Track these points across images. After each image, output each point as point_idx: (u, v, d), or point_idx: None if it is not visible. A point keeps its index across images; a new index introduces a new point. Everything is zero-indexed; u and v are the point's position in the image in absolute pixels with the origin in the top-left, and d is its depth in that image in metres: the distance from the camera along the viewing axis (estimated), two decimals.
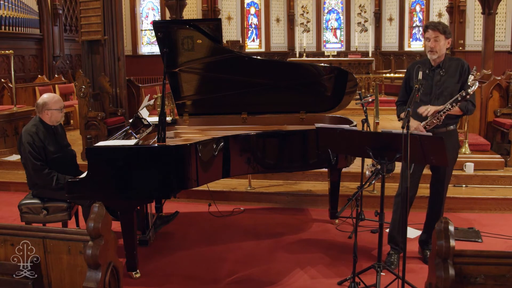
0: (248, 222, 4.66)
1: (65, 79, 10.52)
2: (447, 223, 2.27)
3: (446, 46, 3.45)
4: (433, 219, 3.59)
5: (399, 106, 3.70)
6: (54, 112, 3.79)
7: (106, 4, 6.30)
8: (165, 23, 5.70)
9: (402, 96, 3.69)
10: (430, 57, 3.47)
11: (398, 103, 3.73)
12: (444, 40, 3.40)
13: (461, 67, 3.47)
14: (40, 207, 3.74)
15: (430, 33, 3.41)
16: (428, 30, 3.43)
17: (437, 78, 3.48)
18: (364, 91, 10.50)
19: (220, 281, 3.49)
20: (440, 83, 3.46)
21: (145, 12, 14.61)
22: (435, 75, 3.48)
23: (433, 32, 3.40)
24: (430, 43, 3.42)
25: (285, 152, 4.04)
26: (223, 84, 4.34)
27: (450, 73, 3.46)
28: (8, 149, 6.67)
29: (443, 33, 3.40)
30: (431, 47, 3.42)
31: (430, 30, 3.41)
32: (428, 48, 3.44)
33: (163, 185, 3.42)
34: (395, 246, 3.67)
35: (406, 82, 3.66)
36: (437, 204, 3.66)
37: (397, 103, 3.73)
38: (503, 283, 2.26)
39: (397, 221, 3.64)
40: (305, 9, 15.03)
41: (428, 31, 3.42)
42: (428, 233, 3.68)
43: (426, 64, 3.54)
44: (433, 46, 3.41)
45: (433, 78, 3.48)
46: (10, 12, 9.90)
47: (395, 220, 3.66)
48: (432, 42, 3.40)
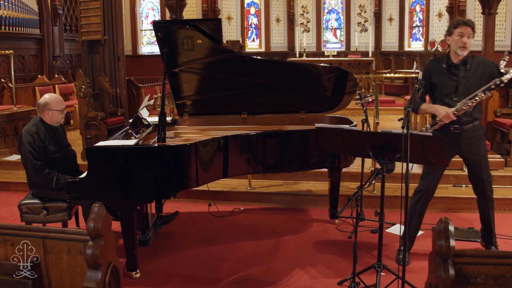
0: (248, 222, 4.66)
1: (65, 79, 10.53)
2: (447, 223, 2.27)
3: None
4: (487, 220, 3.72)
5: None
6: (55, 113, 3.79)
7: (106, 4, 6.30)
8: (165, 23, 5.69)
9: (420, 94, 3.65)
10: (461, 53, 3.43)
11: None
12: (472, 38, 3.42)
13: (481, 61, 3.49)
14: (40, 207, 3.74)
15: (465, 29, 3.39)
16: (463, 26, 3.40)
17: (462, 74, 3.46)
18: (364, 91, 10.50)
19: (220, 281, 3.50)
20: (466, 79, 3.45)
21: (145, 12, 14.61)
22: (459, 72, 3.47)
23: (468, 28, 3.39)
24: (464, 39, 3.39)
25: (285, 152, 4.04)
26: (223, 84, 4.34)
27: (474, 68, 3.46)
28: (8, 149, 6.67)
29: (474, 31, 3.42)
30: (465, 43, 3.39)
31: (466, 26, 3.39)
32: (461, 43, 3.40)
33: (163, 185, 3.42)
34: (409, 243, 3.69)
35: (425, 80, 3.58)
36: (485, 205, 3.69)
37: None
38: (503, 283, 2.26)
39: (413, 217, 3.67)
40: (305, 9, 15.02)
41: (464, 27, 3.40)
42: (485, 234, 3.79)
43: (442, 60, 3.53)
44: (467, 42, 3.40)
45: (457, 74, 3.47)
46: (10, 12, 9.90)
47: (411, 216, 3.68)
48: (466, 38, 3.39)
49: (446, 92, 3.50)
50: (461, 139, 3.52)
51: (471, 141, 3.53)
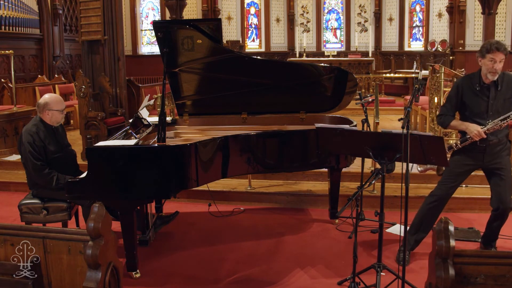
0: (248, 222, 4.66)
1: (65, 79, 10.53)
2: (447, 223, 2.27)
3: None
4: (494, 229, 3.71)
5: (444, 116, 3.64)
6: (55, 113, 3.79)
7: (106, 4, 6.30)
8: (165, 23, 5.70)
9: (448, 110, 3.63)
10: (491, 77, 3.41)
11: (441, 115, 3.67)
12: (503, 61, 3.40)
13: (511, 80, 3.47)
14: (40, 207, 3.74)
15: (498, 55, 3.35)
16: (496, 52, 3.35)
17: (493, 94, 3.46)
18: (364, 91, 10.50)
19: (220, 281, 3.50)
20: (497, 99, 3.46)
21: (145, 12, 14.61)
22: (491, 92, 3.46)
23: (501, 54, 3.35)
24: (496, 65, 3.37)
25: (285, 152, 4.04)
26: (223, 84, 4.34)
27: (505, 88, 3.46)
28: (8, 149, 6.67)
29: (506, 56, 3.38)
30: (496, 69, 3.37)
31: (499, 53, 3.35)
32: (491, 69, 3.37)
33: (163, 185, 3.42)
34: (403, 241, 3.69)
35: (457, 96, 3.58)
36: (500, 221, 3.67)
37: (441, 115, 3.68)
38: (503, 283, 2.26)
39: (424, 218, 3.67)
40: (305, 9, 15.03)
41: (496, 53, 3.35)
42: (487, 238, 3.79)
43: (474, 79, 3.52)
44: (498, 69, 3.38)
45: (488, 95, 3.47)
46: (10, 12, 9.90)
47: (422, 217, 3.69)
48: (498, 64, 3.37)
49: (477, 112, 3.50)
50: (485, 153, 3.54)
51: (495, 154, 3.56)
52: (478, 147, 3.52)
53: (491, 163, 3.57)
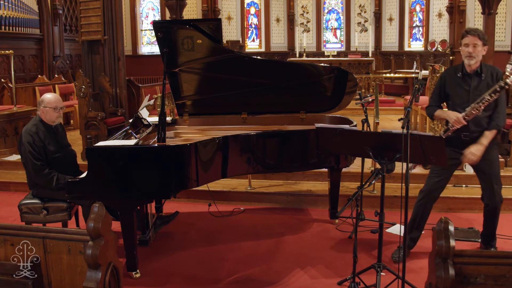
0: (248, 222, 4.66)
1: (65, 79, 10.52)
2: (447, 223, 2.27)
3: (482, 52, 3.46)
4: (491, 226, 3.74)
5: (430, 107, 3.72)
6: (48, 111, 3.78)
7: (106, 4, 6.30)
8: (165, 23, 5.70)
9: (434, 102, 3.71)
10: (468, 62, 3.46)
11: (428, 107, 3.76)
12: (481, 47, 3.43)
13: (496, 74, 3.49)
14: (40, 207, 3.74)
15: (469, 39, 3.42)
16: (467, 36, 3.44)
17: (474, 84, 3.48)
18: (364, 91, 10.50)
19: (220, 281, 3.50)
20: (479, 89, 3.47)
21: (145, 12, 14.61)
22: (472, 81, 3.49)
23: (472, 38, 3.41)
24: (468, 48, 3.42)
25: (285, 152, 4.04)
26: (223, 84, 4.34)
27: (487, 79, 3.48)
28: (8, 149, 6.67)
29: (481, 40, 3.42)
30: (469, 52, 3.42)
31: (469, 36, 3.42)
32: (466, 53, 3.44)
33: (163, 185, 3.42)
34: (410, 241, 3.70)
35: (441, 88, 3.66)
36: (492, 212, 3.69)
37: (428, 107, 3.76)
38: (503, 283, 2.26)
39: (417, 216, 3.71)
40: (305, 9, 15.02)
41: (468, 37, 3.43)
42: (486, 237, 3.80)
43: (458, 70, 3.56)
44: (472, 51, 3.41)
45: (469, 84, 3.49)
46: (10, 12, 9.90)
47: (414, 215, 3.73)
48: (471, 47, 3.41)
49: (458, 102, 3.53)
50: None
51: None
52: (462, 140, 3.52)
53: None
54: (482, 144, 3.47)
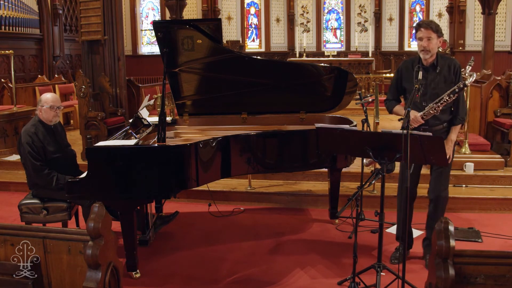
0: (248, 222, 4.66)
1: (65, 79, 10.52)
2: (447, 223, 2.27)
3: (438, 45, 3.42)
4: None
5: (388, 101, 3.72)
6: (45, 110, 3.77)
7: (106, 4, 6.30)
8: (165, 23, 5.70)
9: (392, 95, 3.71)
10: (423, 56, 3.43)
11: (386, 100, 3.75)
12: (436, 39, 3.38)
13: (453, 66, 3.46)
14: (40, 207, 3.74)
15: (423, 32, 3.37)
16: (420, 29, 3.39)
17: (431, 77, 3.45)
18: (364, 91, 10.49)
19: (220, 281, 3.49)
20: (435, 83, 3.45)
21: (145, 12, 14.61)
22: (429, 75, 3.45)
23: (426, 31, 3.36)
24: (423, 42, 3.38)
25: (285, 152, 4.04)
26: (223, 84, 4.34)
27: (444, 72, 3.45)
28: (8, 149, 6.68)
29: (436, 32, 3.37)
30: (424, 46, 3.38)
31: (422, 29, 3.37)
32: (421, 47, 3.40)
33: (163, 185, 3.42)
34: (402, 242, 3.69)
35: (397, 81, 3.65)
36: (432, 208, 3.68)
37: (386, 101, 3.76)
38: (503, 283, 2.26)
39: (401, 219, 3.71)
40: (305, 9, 15.02)
41: (421, 30, 3.38)
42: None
43: (415, 61, 3.52)
44: (426, 45, 3.37)
45: (426, 77, 3.44)
46: (10, 12, 9.89)
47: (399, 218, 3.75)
48: (425, 41, 3.37)
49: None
50: None
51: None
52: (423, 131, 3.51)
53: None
54: (452, 140, 3.48)
